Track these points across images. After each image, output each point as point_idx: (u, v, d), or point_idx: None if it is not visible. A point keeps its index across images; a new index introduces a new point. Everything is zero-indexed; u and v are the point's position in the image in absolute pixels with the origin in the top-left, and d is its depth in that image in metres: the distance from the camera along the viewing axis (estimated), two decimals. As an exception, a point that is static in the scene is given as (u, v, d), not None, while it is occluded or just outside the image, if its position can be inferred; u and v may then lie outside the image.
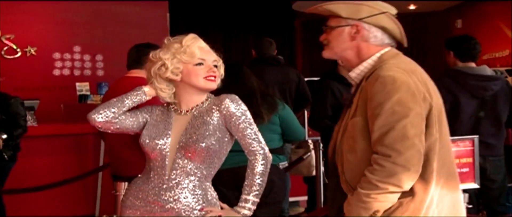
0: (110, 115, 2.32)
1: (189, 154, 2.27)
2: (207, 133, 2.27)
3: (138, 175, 2.42)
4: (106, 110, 2.32)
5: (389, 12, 2.13)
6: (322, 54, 2.23)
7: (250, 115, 2.33)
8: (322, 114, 4.11)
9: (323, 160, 4.79)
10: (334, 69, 4.29)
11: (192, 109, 2.35)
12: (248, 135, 2.30)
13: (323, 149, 4.71)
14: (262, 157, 2.31)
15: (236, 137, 2.33)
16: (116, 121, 2.34)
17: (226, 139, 2.34)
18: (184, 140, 2.28)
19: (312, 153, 4.96)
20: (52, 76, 7.81)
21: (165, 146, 2.30)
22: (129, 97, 2.36)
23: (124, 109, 2.35)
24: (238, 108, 2.30)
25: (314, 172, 4.98)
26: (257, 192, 2.30)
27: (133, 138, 2.41)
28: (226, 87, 2.43)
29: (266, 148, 2.34)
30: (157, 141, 2.31)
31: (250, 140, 2.30)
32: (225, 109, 2.29)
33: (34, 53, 7.71)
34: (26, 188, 4.73)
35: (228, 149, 2.38)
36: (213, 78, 2.32)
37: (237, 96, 2.35)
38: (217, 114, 2.31)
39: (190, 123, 2.31)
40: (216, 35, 10.66)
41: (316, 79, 5.72)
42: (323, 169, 4.78)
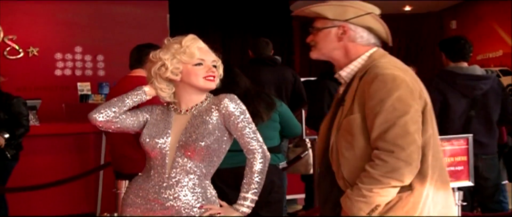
0: (111, 115, 2.32)
1: (189, 153, 2.27)
2: (207, 132, 2.27)
3: (139, 174, 2.42)
4: (107, 110, 2.32)
5: (374, 13, 2.15)
6: (310, 55, 2.24)
7: (249, 114, 2.33)
8: (320, 114, 4.10)
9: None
10: (331, 69, 4.28)
11: (192, 109, 2.35)
12: (247, 134, 2.30)
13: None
14: (261, 156, 2.31)
15: (235, 136, 2.33)
16: (117, 121, 2.33)
17: (225, 138, 2.33)
18: (184, 139, 2.28)
19: (310, 152, 4.96)
20: (54, 76, 7.81)
21: (165, 145, 2.30)
22: (130, 97, 2.35)
23: (125, 109, 2.34)
24: (237, 108, 2.30)
25: (312, 171, 4.98)
26: (256, 190, 2.29)
27: (136, 136, 2.41)
28: (219, 89, 2.41)
29: (265, 147, 2.34)
30: (157, 140, 2.30)
31: (249, 139, 2.30)
32: (224, 109, 2.29)
33: (36, 54, 7.71)
34: (28, 186, 4.73)
35: (227, 148, 2.38)
36: (212, 78, 2.32)
37: (236, 96, 2.35)
38: (216, 114, 2.30)
39: (190, 122, 2.31)
40: (215, 36, 10.66)
41: (314, 79, 5.72)
42: None
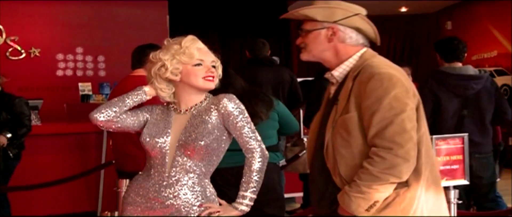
0: (112, 114, 2.31)
1: (189, 152, 2.26)
2: (206, 132, 2.26)
3: (139, 173, 2.42)
4: (108, 110, 2.31)
5: (361, 14, 2.16)
6: (300, 57, 2.26)
7: (247, 114, 2.33)
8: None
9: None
10: (328, 69, 4.28)
11: (191, 108, 2.34)
12: (245, 133, 2.30)
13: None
14: (259, 155, 2.30)
15: (234, 135, 2.33)
16: (117, 120, 2.33)
17: (224, 138, 2.33)
18: (184, 139, 2.27)
19: (308, 151, 4.95)
20: (56, 77, 7.81)
21: (165, 144, 2.29)
22: (130, 97, 2.34)
23: (125, 109, 2.34)
24: (236, 107, 2.30)
25: (309, 169, 4.97)
26: (255, 189, 2.29)
27: (139, 135, 2.41)
28: (214, 89, 2.40)
29: (263, 146, 2.33)
30: (157, 140, 2.30)
31: (247, 138, 2.30)
32: (223, 108, 2.29)
33: (38, 54, 7.71)
34: (30, 185, 4.72)
35: (226, 147, 2.37)
36: (212, 78, 2.32)
37: (235, 96, 2.34)
38: (216, 113, 2.30)
39: (189, 122, 2.31)
40: (214, 37, 10.65)
41: (311, 79, 5.73)
42: None
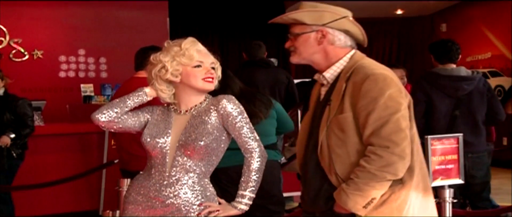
0: (113, 115, 2.31)
1: (189, 152, 2.27)
2: (206, 132, 2.26)
3: (140, 172, 2.42)
4: (109, 110, 2.31)
5: (348, 16, 2.17)
6: (290, 60, 2.25)
7: (246, 115, 2.33)
8: None
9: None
10: None
11: (191, 109, 2.34)
12: (244, 134, 2.30)
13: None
14: (258, 155, 2.31)
15: (233, 136, 2.33)
16: (119, 121, 2.33)
17: (224, 138, 2.33)
18: (184, 139, 2.28)
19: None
20: (58, 78, 7.80)
21: (166, 145, 2.29)
22: (131, 98, 2.34)
23: (126, 109, 2.34)
24: (235, 108, 2.30)
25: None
26: (253, 188, 2.30)
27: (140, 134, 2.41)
28: (213, 91, 2.40)
29: (262, 146, 2.34)
30: (158, 140, 2.30)
31: (246, 139, 2.30)
32: (223, 109, 2.29)
33: (41, 56, 7.70)
34: (34, 185, 4.73)
35: (226, 147, 2.38)
36: (211, 80, 2.32)
37: (234, 97, 2.34)
38: (215, 114, 2.30)
39: (189, 123, 2.31)
40: (214, 39, 10.63)
41: (309, 80, 5.72)
42: None
